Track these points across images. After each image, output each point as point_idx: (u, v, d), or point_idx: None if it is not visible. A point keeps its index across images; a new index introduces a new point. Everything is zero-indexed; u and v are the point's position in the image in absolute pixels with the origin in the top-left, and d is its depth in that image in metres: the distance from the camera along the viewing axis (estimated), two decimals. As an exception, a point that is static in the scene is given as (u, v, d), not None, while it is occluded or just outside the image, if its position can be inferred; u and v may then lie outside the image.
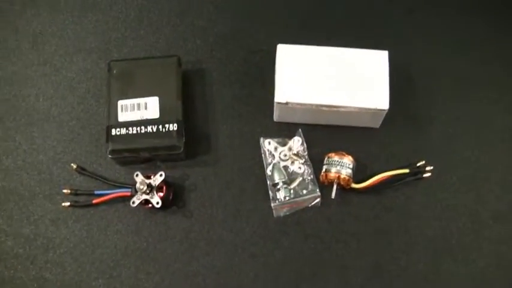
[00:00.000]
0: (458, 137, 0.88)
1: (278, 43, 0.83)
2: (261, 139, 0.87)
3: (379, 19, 0.96)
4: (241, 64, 0.93)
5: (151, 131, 0.83)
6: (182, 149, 0.83)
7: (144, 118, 0.83)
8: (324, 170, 0.83)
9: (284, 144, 0.86)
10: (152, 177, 0.82)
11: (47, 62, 0.94)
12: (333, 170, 0.82)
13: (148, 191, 0.80)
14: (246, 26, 0.95)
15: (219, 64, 0.93)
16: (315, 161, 0.85)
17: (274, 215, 0.84)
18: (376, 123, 0.87)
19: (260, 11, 0.96)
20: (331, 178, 0.82)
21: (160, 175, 0.81)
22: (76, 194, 0.85)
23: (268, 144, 0.86)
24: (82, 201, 0.85)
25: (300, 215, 0.84)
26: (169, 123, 0.83)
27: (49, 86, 0.92)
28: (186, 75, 0.90)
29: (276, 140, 0.87)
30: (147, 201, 0.81)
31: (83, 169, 0.87)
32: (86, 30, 0.96)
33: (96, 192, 0.84)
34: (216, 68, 0.93)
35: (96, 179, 0.86)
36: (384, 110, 0.81)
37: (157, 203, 0.80)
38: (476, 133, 0.89)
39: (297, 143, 0.86)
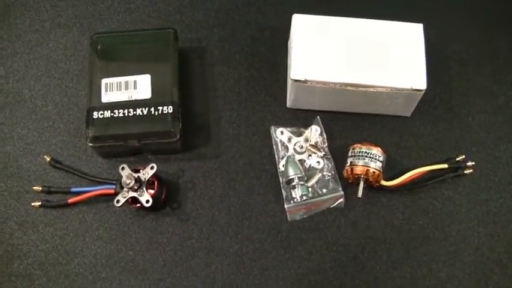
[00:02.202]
0: (502, 127, 0.81)
1: (291, 16, 0.77)
2: (272, 128, 0.78)
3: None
4: (247, 42, 0.86)
5: (141, 113, 0.73)
6: (178, 137, 0.74)
7: (133, 99, 0.74)
8: (348, 163, 0.74)
9: (299, 135, 0.77)
10: (141, 170, 0.72)
11: (19, 38, 0.86)
12: (360, 163, 0.73)
13: (136, 187, 0.71)
14: None
15: (222, 42, 0.86)
16: (336, 154, 0.78)
17: (289, 218, 0.75)
18: (408, 110, 0.79)
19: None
20: (358, 173, 0.73)
21: (152, 168, 0.72)
22: (49, 192, 0.76)
23: (281, 134, 0.77)
24: (56, 200, 0.76)
25: (319, 219, 0.76)
26: (163, 105, 0.74)
27: (20, 65, 0.84)
28: (183, 55, 0.82)
29: (289, 129, 0.78)
30: (134, 200, 0.71)
31: (58, 162, 0.78)
32: (66, 2, 0.89)
33: (72, 189, 0.76)
34: (218, 47, 0.85)
35: (74, 173, 0.77)
36: (421, 90, 0.73)
37: (147, 201, 0.70)
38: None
39: (314, 132, 0.77)
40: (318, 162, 0.75)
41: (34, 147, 0.79)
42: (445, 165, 0.76)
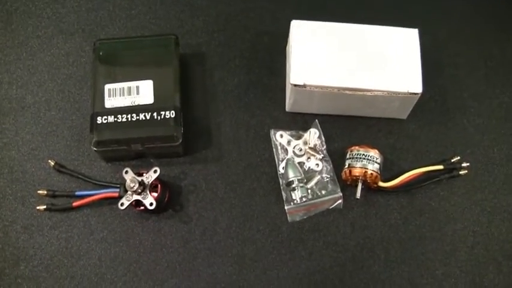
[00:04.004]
0: (496, 129, 0.81)
1: (290, 21, 0.77)
2: (272, 131, 0.79)
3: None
4: (246, 47, 0.85)
5: (143, 118, 0.73)
6: (180, 141, 0.74)
7: (136, 104, 0.74)
8: (346, 165, 0.75)
9: (298, 138, 0.78)
10: (145, 174, 0.72)
11: (22, 44, 0.85)
12: (358, 165, 0.73)
13: (140, 191, 0.71)
14: (252, 4, 0.88)
15: (222, 47, 0.85)
16: (334, 157, 0.78)
17: (289, 219, 0.76)
18: (404, 113, 0.79)
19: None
20: (356, 175, 0.73)
21: (155, 171, 0.72)
22: (53, 196, 0.76)
23: (280, 137, 0.77)
24: (60, 204, 0.76)
25: (318, 219, 0.76)
26: (165, 110, 0.74)
27: (24, 72, 0.84)
28: (183, 61, 0.82)
29: (288, 132, 0.78)
30: (138, 203, 0.72)
31: (62, 166, 0.78)
32: (68, 9, 0.88)
33: (77, 193, 0.75)
34: (218, 52, 0.85)
35: (78, 177, 0.77)
36: (416, 93, 0.73)
37: (151, 204, 0.71)
38: (516, 125, 0.82)
39: (313, 135, 0.77)
40: (317, 164, 0.76)
41: (38, 152, 0.78)
42: (441, 167, 0.76)
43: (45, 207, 0.75)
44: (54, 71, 0.83)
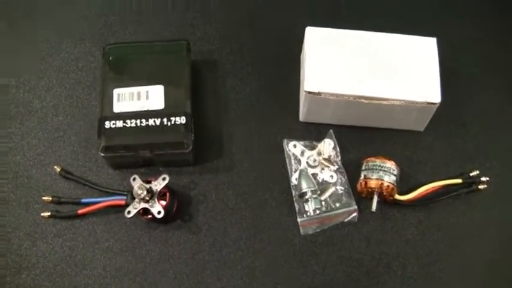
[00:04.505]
0: None
1: (305, 28, 0.76)
2: (285, 141, 0.77)
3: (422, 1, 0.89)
4: (259, 55, 0.84)
5: (153, 124, 0.72)
6: (191, 148, 0.72)
7: (146, 109, 0.73)
8: (362, 177, 0.73)
9: (312, 148, 0.76)
10: (153, 181, 0.70)
11: (30, 48, 0.85)
12: (374, 176, 0.71)
13: (148, 198, 0.69)
14: (266, 9, 0.88)
15: (234, 55, 0.85)
16: (349, 168, 0.76)
17: (302, 232, 0.74)
18: (421, 125, 0.77)
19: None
20: (372, 186, 0.71)
21: (164, 178, 0.70)
22: (59, 203, 0.75)
23: (294, 148, 0.76)
24: (65, 211, 0.75)
25: (332, 233, 0.74)
26: (175, 116, 0.73)
27: (32, 76, 0.83)
28: (195, 67, 0.81)
29: (302, 142, 0.76)
30: (145, 211, 0.70)
31: (68, 172, 0.76)
32: (78, 13, 0.88)
33: (83, 200, 0.74)
34: (230, 60, 0.84)
35: (84, 184, 0.76)
36: (435, 103, 0.71)
37: (159, 212, 0.69)
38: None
39: (328, 146, 0.75)
40: (331, 176, 0.74)
41: (44, 158, 0.77)
42: (459, 180, 0.74)
43: (49, 214, 0.73)
44: (63, 75, 0.82)
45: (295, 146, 0.75)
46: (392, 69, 0.72)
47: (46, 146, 0.78)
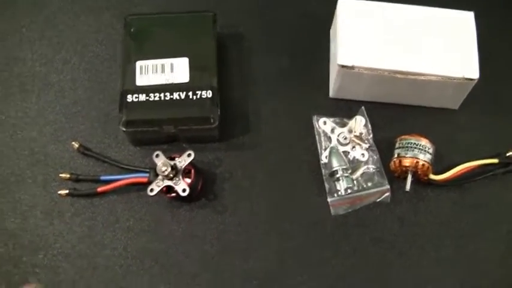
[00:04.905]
0: None
1: (334, 2, 0.73)
2: (314, 118, 0.74)
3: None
4: (288, 29, 0.82)
5: (178, 98, 0.69)
6: (217, 123, 0.69)
7: (170, 82, 0.70)
8: (395, 155, 0.70)
9: (343, 125, 0.73)
10: (177, 158, 0.68)
11: (47, 20, 0.83)
12: (409, 154, 0.69)
13: (172, 176, 0.66)
14: None
15: (261, 29, 0.82)
16: (381, 147, 0.74)
17: (332, 212, 0.71)
18: (456, 102, 0.75)
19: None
20: (406, 165, 0.69)
21: (189, 155, 0.67)
22: (77, 180, 0.72)
23: (324, 124, 0.73)
24: (84, 189, 0.72)
25: (364, 213, 0.72)
26: (201, 90, 0.70)
27: (49, 49, 0.81)
28: (220, 41, 0.78)
29: (332, 119, 0.74)
30: (169, 189, 0.68)
31: (87, 149, 0.74)
32: None
33: (102, 177, 0.72)
34: (258, 34, 0.82)
35: (103, 161, 0.73)
36: (473, 79, 0.69)
37: (184, 190, 0.66)
38: None
39: (359, 123, 0.72)
40: (363, 154, 0.71)
41: (62, 133, 0.75)
42: (496, 160, 0.72)
43: (67, 192, 0.71)
44: (82, 48, 0.80)
45: (325, 122, 0.73)
46: (428, 44, 0.70)
47: (64, 122, 0.76)
